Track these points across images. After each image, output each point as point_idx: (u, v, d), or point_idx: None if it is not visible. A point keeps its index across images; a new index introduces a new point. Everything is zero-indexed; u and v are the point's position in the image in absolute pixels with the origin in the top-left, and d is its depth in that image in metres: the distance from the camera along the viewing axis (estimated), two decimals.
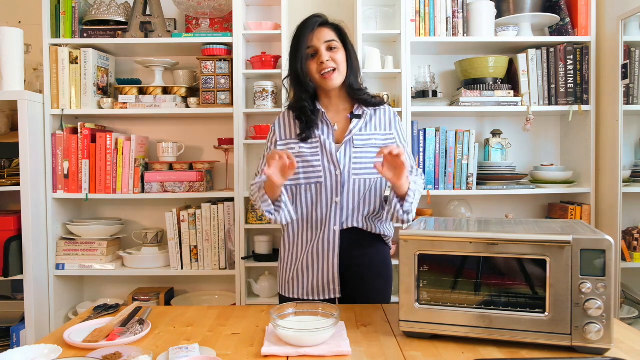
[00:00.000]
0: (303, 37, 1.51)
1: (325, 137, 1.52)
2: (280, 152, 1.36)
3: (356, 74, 1.56)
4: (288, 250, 1.62)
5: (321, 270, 1.54)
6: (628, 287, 2.18)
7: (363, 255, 1.57)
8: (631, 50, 2.12)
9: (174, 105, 2.34)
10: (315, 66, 1.50)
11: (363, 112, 1.57)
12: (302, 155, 1.52)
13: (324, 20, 1.54)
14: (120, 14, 2.35)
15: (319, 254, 1.54)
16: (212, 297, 2.51)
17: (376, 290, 1.59)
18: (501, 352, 1.09)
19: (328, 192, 1.52)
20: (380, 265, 1.61)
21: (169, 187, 2.33)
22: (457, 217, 2.38)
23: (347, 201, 1.53)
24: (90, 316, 1.41)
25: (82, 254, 2.33)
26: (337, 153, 1.50)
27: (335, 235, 1.53)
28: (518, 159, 2.53)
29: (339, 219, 1.53)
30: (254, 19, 2.52)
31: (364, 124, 1.56)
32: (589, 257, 1.07)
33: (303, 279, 1.57)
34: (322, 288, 1.54)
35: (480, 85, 2.29)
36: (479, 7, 2.29)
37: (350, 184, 1.51)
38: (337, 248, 1.52)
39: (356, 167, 1.51)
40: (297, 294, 1.58)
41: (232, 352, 1.13)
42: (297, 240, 1.59)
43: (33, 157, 2.20)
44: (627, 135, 2.17)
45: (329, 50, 1.50)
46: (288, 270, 1.61)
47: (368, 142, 1.54)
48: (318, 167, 1.51)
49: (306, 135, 1.52)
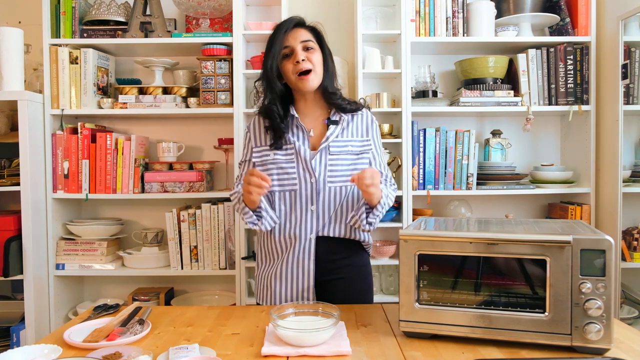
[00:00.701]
0: (278, 37, 1.47)
1: (300, 143, 1.49)
2: (253, 176, 1.35)
3: (332, 77, 1.53)
4: (263, 259, 1.59)
5: (296, 279, 1.50)
6: (628, 287, 2.18)
7: (340, 265, 1.53)
8: (631, 50, 2.12)
9: (174, 105, 2.34)
10: (291, 66, 1.46)
11: (340, 117, 1.53)
12: (277, 163, 1.49)
13: (301, 21, 1.51)
14: (120, 14, 2.35)
15: (294, 263, 1.50)
16: (212, 297, 2.51)
17: (354, 300, 1.52)
18: (501, 352, 1.09)
19: (303, 200, 1.48)
20: (358, 274, 1.57)
21: (169, 187, 2.33)
22: (457, 217, 2.38)
23: (323, 209, 1.49)
24: (90, 316, 1.41)
25: (82, 254, 2.33)
26: (312, 160, 1.47)
27: (311, 244, 1.49)
28: (518, 159, 2.53)
29: (315, 227, 1.49)
30: (254, 19, 2.52)
31: (341, 130, 1.52)
32: (589, 257, 1.07)
33: (278, 288, 1.52)
34: (296, 297, 1.51)
35: (480, 85, 2.29)
36: (479, 7, 2.29)
37: (326, 192, 1.48)
38: (312, 256, 1.49)
39: (332, 175, 1.48)
40: (271, 301, 1.54)
41: (232, 352, 1.13)
42: (272, 249, 1.55)
43: (33, 157, 2.20)
44: (627, 135, 2.17)
45: (305, 50, 1.47)
46: (263, 278, 1.57)
47: (344, 148, 1.50)
48: (293, 175, 1.48)
49: (277, 145, 1.49)
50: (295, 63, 1.45)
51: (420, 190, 2.31)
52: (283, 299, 1.52)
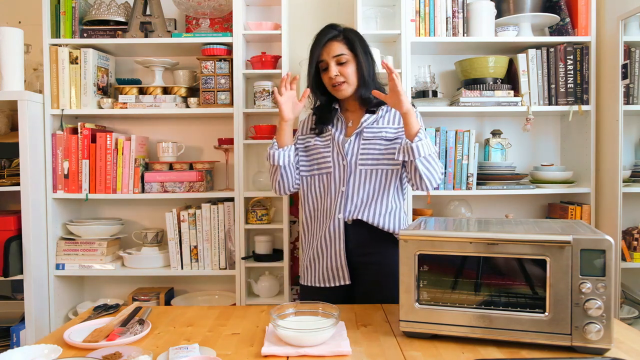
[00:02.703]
0: (315, 52, 1.64)
1: (338, 131, 1.67)
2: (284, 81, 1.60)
3: (367, 84, 1.64)
4: (304, 240, 1.75)
5: (330, 258, 1.63)
6: (628, 287, 2.18)
7: (373, 253, 1.63)
8: (631, 50, 2.12)
9: (174, 105, 2.34)
10: (327, 79, 1.64)
11: (378, 108, 1.68)
12: (316, 148, 1.68)
13: (335, 34, 1.63)
14: (120, 14, 2.35)
15: (327, 242, 1.64)
16: (212, 297, 2.51)
17: (387, 289, 1.55)
18: (501, 352, 1.09)
19: (336, 182, 1.63)
20: (393, 265, 1.58)
21: (169, 187, 2.33)
22: (457, 217, 2.38)
23: (353, 191, 1.61)
24: (90, 316, 1.41)
25: (82, 254, 2.33)
26: (345, 144, 1.63)
27: (340, 223, 1.61)
28: (518, 159, 2.53)
29: (344, 208, 1.61)
30: (254, 19, 2.52)
31: (376, 119, 1.66)
32: (589, 257, 1.07)
33: (315, 267, 1.68)
34: (332, 275, 1.64)
35: (480, 85, 2.29)
36: (479, 7, 2.29)
37: (357, 174, 1.61)
38: (342, 236, 1.61)
39: (363, 158, 1.62)
40: (311, 281, 1.69)
41: (232, 352, 1.13)
42: (310, 230, 1.72)
43: (33, 157, 2.20)
44: (627, 135, 2.17)
45: (338, 64, 1.61)
46: (304, 259, 1.74)
47: (378, 134, 1.63)
48: (328, 158, 1.65)
49: (319, 130, 1.68)
50: (329, 77, 1.62)
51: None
52: (321, 277, 1.66)
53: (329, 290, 1.64)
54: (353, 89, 1.64)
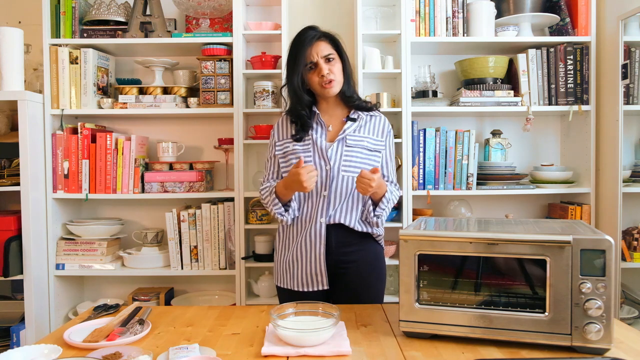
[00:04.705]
0: (301, 52, 1.62)
1: (318, 135, 1.65)
2: (298, 168, 1.49)
3: (349, 82, 1.69)
4: (281, 242, 1.73)
5: (309, 262, 1.63)
6: (628, 287, 2.18)
7: (352, 252, 1.65)
8: (631, 50, 2.12)
9: (174, 105, 2.34)
10: (316, 78, 1.63)
11: (358, 116, 1.69)
12: (295, 152, 1.65)
13: (321, 34, 1.65)
14: (120, 14, 2.35)
15: (307, 246, 1.63)
16: (212, 297, 2.51)
17: (367, 287, 1.64)
18: (501, 352, 1.09)
19: (318, 186, 1.61)
20: (371, 263, 1.67)
21: (169, 187, 2.33)
22: (457, 217, 2.38)
23: (335, 196, 1.62)
24: (90, 316, 1.41)
25: (82, 254, 2.33)
26: (328, 150, 1.62)
27: (322, 227, 1.61)
28: (518, 159, 2.53)
29: (326, 212, 1.61)
30: (254, 19, 2.52)
31: (358, 127, 1.67)
32: (589, 257, 1.07)
33: (294, 270, 1.66)
34: (310, 279, 1.63)
35: (480, 85, 2.29)
36: (479, 7, 2.29)
37: (339, 180, 1.61)
38: (323, 240, 1.61)
39: (346, 164, 1.62)
40: (289, 284, 1.67)
41: (232, 352, 1.13)
42: (289, 233, 1.69)
43: (33, 157, 2.20)
44: (627, 135, 2.17)
45: (327, 62, 1.62)
46: (281, 261, 1.71)
47: (360, 143, 1.65)
48: (309, 163, 1.61)
49: (300, 137, 1.65)
50: (320, 76, 1.62)
51: (420, 190, 2.31)
52: (299, 281, 1.64)
53: (306, 295, 1.63)
54: (340, 86, 1.66)
